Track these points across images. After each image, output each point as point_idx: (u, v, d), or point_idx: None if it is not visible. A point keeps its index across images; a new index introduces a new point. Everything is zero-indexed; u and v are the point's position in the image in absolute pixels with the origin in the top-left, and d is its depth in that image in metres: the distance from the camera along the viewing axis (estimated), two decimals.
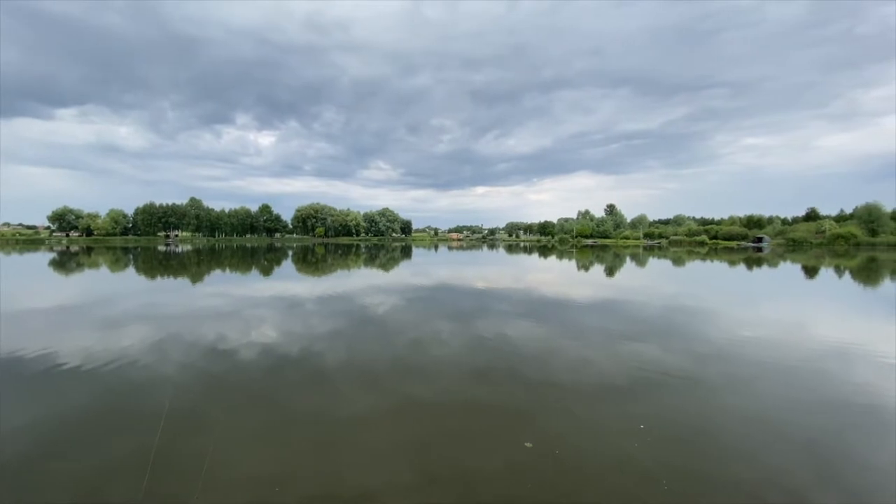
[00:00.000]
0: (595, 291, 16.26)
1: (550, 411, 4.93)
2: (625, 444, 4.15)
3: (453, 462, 3.81)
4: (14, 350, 7.08)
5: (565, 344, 7.95)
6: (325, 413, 4.82)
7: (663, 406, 5.09)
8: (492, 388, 5.63)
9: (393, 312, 11.04)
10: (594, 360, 6.85)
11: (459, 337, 8.43)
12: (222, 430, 4.39)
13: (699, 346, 7.84)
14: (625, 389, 5.60)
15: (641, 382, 5.86)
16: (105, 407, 4.95)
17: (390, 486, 3.44)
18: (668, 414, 4.86)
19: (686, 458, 3.89)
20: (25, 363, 6.45)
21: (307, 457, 3.90)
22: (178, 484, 3.40)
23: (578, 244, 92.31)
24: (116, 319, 9.93)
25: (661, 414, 4.85)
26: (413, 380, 5.94)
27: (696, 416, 4.83)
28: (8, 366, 6.35)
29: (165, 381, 5.77)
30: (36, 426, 4.46)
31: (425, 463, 3.80)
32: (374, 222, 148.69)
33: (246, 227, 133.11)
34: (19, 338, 8.00)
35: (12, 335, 8.24)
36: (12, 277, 21.03)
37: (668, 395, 5.43)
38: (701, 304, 13.14)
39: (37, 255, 39.56)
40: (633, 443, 4.16)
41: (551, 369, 6.38)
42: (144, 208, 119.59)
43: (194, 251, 48.86)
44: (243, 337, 8.22)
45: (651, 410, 4.94)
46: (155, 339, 7.96)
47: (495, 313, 11.19)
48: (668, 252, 52.47)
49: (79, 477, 3.53)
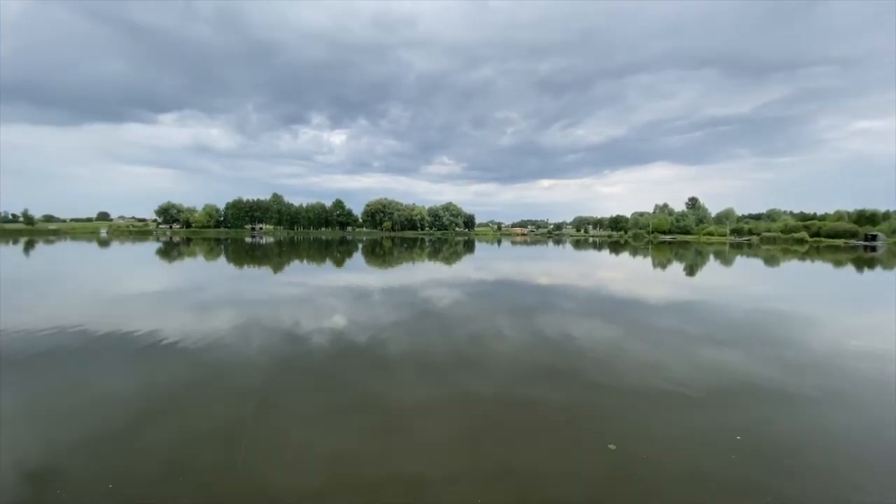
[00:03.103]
0: (672, 291, 15.04)
1: (626, 414, 4.65)
2: (720, 455, 3.82)
3: (511, 459, 3.72)
4: (125, 327, 8.20)
5: (637, 346, 7.44)
6: (385, 400, 4.97)
7: (758, 418, 4.56)
8: (555, 388, 5.43)
9: (454, 306, 11.11)
10: (671, 365, 6.33)
11: (521, 333, 8.25)
12: (293, 408, 4.71)
13: (795, 356, 6.92)
14: (709, 398, 5.10)
15: (728, 391, 5.31)
16: (197, 381, 5.55)
17: (444, 477, 3.45)
18: (763, 427, 4.36)
19: (791, 477, 3.44)
20: (134, 339, 7.44)
21: (366, 441, 4.04)
22: (261, 457, 3.70)
23: (655, 240, 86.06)
24: (210, 303, 11.13)
25: (756, 426, 4.35)
26: (472, 374, 5.91)
27: (796, 431, 4.26)
28: (121, 341, 7.37)
29: (247, 360, 6.34)
30: (140, 395, 5.12)
31: (481, 457, 3.76)
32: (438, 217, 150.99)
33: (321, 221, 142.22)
34: (131, 317, 9.28)
35: (126, 314, 9.57)
36: (129, 264, 24.48)
37: (761, 407, 4.85)
38: (798, 309, 11.58)
39: (146, 244, 45.57)
40: (729, 454, 3.81)
41: (621, 372, 6.00)
42: (234, 203, 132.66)
43: (276, 243, 53.17)
44: (315, 323, 8.76)
45: (744, 422, 4.47)
46: (240, 322, 8.78)
47: (559, 311, 10.80)
48: (759, 250, 46.96)
49: (177, 443, 3.99)
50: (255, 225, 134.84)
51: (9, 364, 5.98)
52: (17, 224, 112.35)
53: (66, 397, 4.97)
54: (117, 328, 7.97)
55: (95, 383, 5.42)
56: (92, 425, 4.23)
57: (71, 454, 3.70)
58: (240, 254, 32.43)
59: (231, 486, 3.28)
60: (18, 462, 3.57)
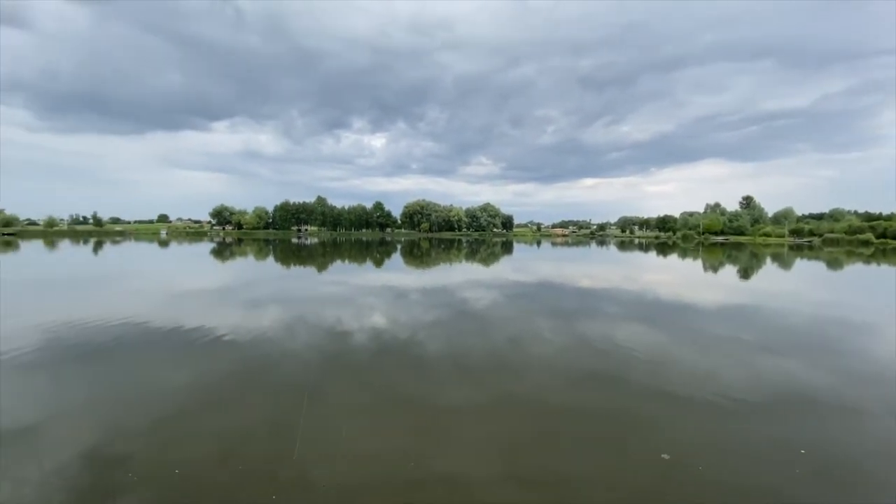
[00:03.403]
0: (725, 296, 14.15)
1: (679, 423, 4.43)
2: (783, 469, 3.59)
3: (556, 464, 3.64)
4: (184, 322, 8.80)
5: (688, 353, 7.07)
6: (425, 399, 5.02)
7: (821, 433, 4.21)
8: (600, 393, 5.26)
9: (492, 307, 11.05)
10: (725, 374, 5.96)
11: (561, 336, 8.07)
12: (338, 404, 4.87)
13: (861, 367, 6.33)
14: (768, 409, 4.76)
15: (789, 403, 4.92)
16: (248, 374, 5.86)
17: (485, 479, 3.43)
18: (828, 442, 4.02)
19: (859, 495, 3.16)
20: (191, 333, 7.97)
21: (403, 439, 4.10)
22: (314, 450, 3.87)
23: (706, 241, 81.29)
24: (260, 300, 11.74)
25: (821, 441, 4.02)
26: (512, 376, 5.85)
27: (863, 448, 3.89)
28: (179, 334, 7.92)
29: (294, 355, 6.62)
30: (197, 386, 5.49)
31: (523, 461, 3.71)
32: (476, 217, 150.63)
33: (362, 223, 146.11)
34: (188, 312, 9.97)
35: (184, 309, 10.29)
36: (187, 263, 26.30)
37: (825, 421, 4.47)
38: (863, 316, 10.56)
39: (201, 244, 48.67)
40: (793, 469, 3.57)
41: (672, 379, 5.71)
42: (281, 206, 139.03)
43: (320, 243, 55.16)
44: (356, 321, 9.00)
45: (806, 436, 4.14)
46: (287, 319, 9.18)
47: (602, 315, 10.47)
48: (820, 252, 43.16)
49: (235, 432, 4.24)
50: (300, 226, 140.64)
51: (82, 354, 6.61)
52: (87, 225, 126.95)
53: (131, 386, 5.41)
54: (176, 322, 8.58)
55: (157, 374, 5.86)
56: (156, 414, 4.57)
57: (138, 439, 4.03)
58: (287, 254, 33.92)
59: (289, 476, 3.44)
60: (94, 445, 3.93)
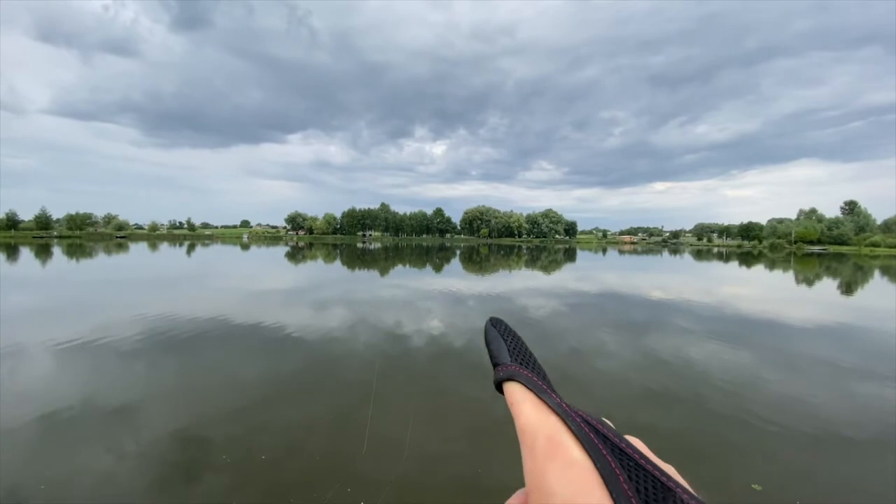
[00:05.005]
0: (821, 313, 12.47)
1: (769, 452, 4.02)
2: None
3: None
4: (260, 319, 9.57)
5: (777, 376, 6.33)
6: (482, 405, 4.99)
7: None
8: (674, 414, 4.89)
9: (553, 317, 10.71)
10: (821, 400, 5.25)
11: (629, 351, 7.61)
12: (399, 404, 5.01)
13: None
14: (873, 442, 4.14)
15: None
16: (316, 370, 6.24)
17: None
18: None
19: None
20: (265, 329, 8.65)
21: (460, 442, 4.12)
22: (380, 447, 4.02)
23: (799, 251, 72.48)
24: (328, 301, 12.45)
25: None
26: (573, 390, 5.62)
27: None
28: (255, 331, 8.61)
29: (357, 356, 6.93)
30: (270, 379, 5.93)
31: None
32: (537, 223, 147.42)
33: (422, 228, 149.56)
34: (264, 310, 10.83)
35: (260, 307, 11.19)
36: (266, 266, 28.60)
37: None
38: None
39: (278, 248, 52.64)
40: None
41: (758, 403, 5.16)
42: (348, 212, 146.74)
43: (383, 248, 57.25)
44: (415, 324, 9.20)
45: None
46: (352, 320, 9.64)
47: (674, 330, 9.71)
48: None
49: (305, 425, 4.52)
50: (365, 232, 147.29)
51: (175, 344, 7.46)
52: (182, 230, 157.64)
53: (218, 376, 5.99)
54: (256, 319, 9.37)
55: (239, 366, 6.43)
56: (241, 402, 5.02)
57: (226, 425, 4.46)
58: (353, 258, 35.63)
59: (360, 469, 3.62)
60: (188, 427, 4.39)
